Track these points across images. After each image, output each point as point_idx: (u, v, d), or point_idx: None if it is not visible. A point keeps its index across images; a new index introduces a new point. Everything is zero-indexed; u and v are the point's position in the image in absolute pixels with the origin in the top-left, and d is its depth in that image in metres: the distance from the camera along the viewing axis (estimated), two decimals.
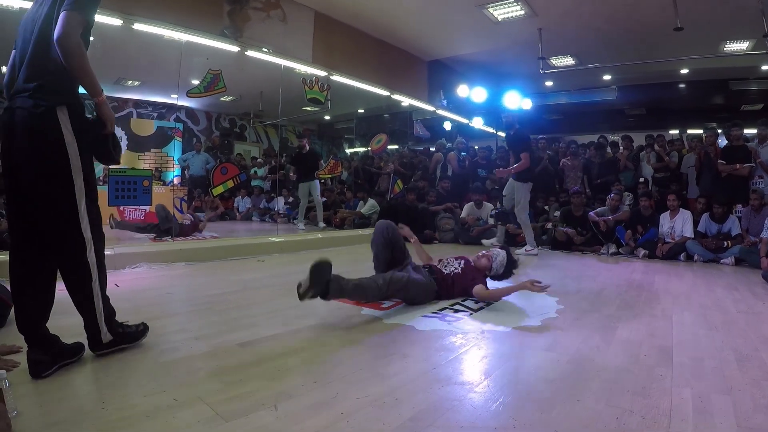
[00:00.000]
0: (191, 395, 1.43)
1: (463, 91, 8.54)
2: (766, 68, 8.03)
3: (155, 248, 4.18)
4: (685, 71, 8.83)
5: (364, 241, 2.94)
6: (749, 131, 5.99)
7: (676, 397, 1.47)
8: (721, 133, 6.32)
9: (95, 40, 1.77)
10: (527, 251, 5.06)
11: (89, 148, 1.68)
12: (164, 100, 9.37)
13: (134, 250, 4.03)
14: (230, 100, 9.31)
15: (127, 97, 8.97)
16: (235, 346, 1.91)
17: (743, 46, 7.18)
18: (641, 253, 5.14)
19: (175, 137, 8.59)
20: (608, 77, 9.31)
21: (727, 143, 5.73)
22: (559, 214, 6.04)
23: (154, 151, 8.22)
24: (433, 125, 9.62)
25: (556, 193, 7.02)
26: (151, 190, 5.11)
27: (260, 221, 8.86)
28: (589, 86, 9.75)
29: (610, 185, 6.25)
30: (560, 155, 7.50)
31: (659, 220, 5.28)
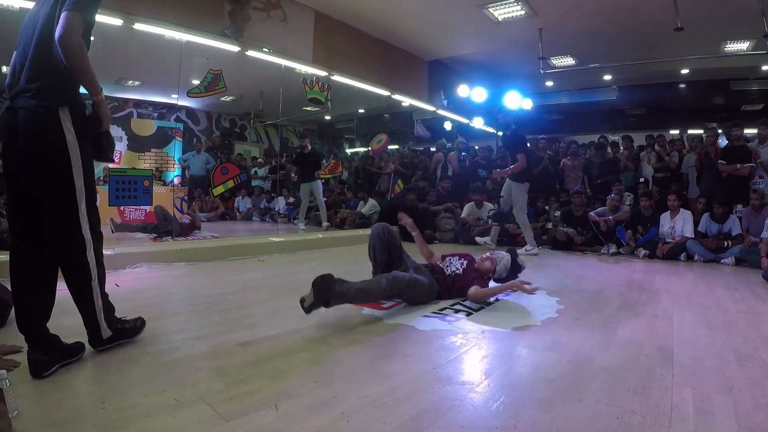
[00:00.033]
0: (192, 395, 1.43)
1: (463, 91, 8.53)
2: (766, 68, 8.01)
3: (155, 248, 4.18)
4: (685, 71, 8.82)
5: (364, 241, 2.93)
6: (749, 131, 5.99)
7: (676, 396, 1.47)
8: (721, 133, 6.32)
9: (96, 40, 1.77)
10: (527, 251, 5.06)
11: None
12: (165, 100, 9.38)
13: (134, 250, 4.03)
14: (231, 100, 9.31)
15: (127, 97, 8.97)
16: (235, 346, 1.91)
17: (743, 46, 7.17)
18: (641, 253, 5.14)
19: (175, 137, 8.60)
20: (609, 77, 9.30)
21: (727, 143, 5.73)
22: (559, 214, 6.04)
23: (154, 151, 8.25)
24: (433, 125, 9.61)
25: (556, 193, 7.03)
26: (151, 190, 5.10)
27: (260, 221, 8.86)
28: (589, 86, 9.73)
29: (610, 185, 6.25)
30: (561, 155, 7.50)
31: (659, 220, 5.29)
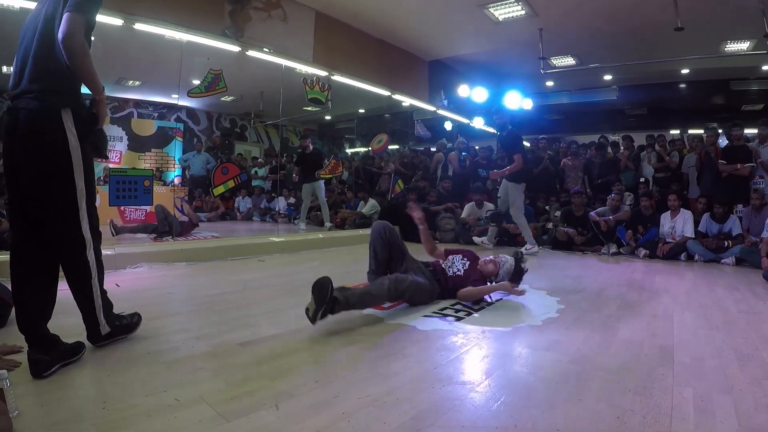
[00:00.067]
0: (192, 395, 1.43)
1: (463, 91, 8.53)
2: (766, 68, 8.01)
3: (156, 248, 4.19)
4: (685, 71, 8.82)
5: (364, 241, 2.93)
6: (750, 131, 5.99)
7: (677, 396, 1.46)
8: (721, 133, 6.31)
9: (96, 40, 1.78)
10: (528, 250, 5.06)
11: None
12: (165, 100, 9.39)
13: (135, 250, 4.03)
14: (231, 100, 9.31)
15: (127, 97, 8.98)
16: (235, 345, 1.91)
17: (744, 46, 7.17)
18: (642, 253, 5.14)
19: (175, 137, 8.60)
20: (609, 77, 9.30)
21: (727, 143, 5.73)
22: (559, 214, 6.04)
23: (154, 151, 8.25)
24: (433, 125, 9.61)
25: (556, 193, 7.03)
26: (152, 190, 5.11)
27: (261, 221, 8.86)
28: (589, 86, 9.72)
29: (610, 185, 6.25)
30: (561, 155, 7.50)
31: (660, 220, 5.28)
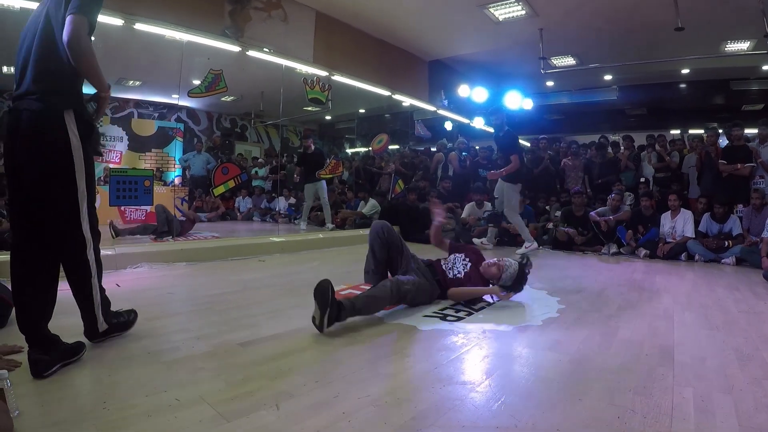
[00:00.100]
0: (192, 395, 1.43)
1: (464, 91, 8.53)
2: (766, 68, 8.01)
3: (156, 248, 4.18)
4: (686, 71, 8.81)
5: (365, 241, 2.93)
6: (750, 131, 5.99)
7: (677, 396, 1.46)
8: (722, 133, 6.31)
9: (96, 40, 1.78)
10: (527, 247, 5.10)
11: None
12: (165, 100, 9.39)
13: (135, 250, 4.04)
14: (231, 100, 9.31)
15: (128, 97, 8.98)
16: (236, 345, 1.91)
17: (744, 46, 7.17)
18: (642, 253, 5.13)
19: (176, 137, 8.62)
20: (609, 77, 9.29)
21: (728, 143, 5.73)
22: (560, 214, 6.04)
23: (155, 151, 8.27)
24: (434, 125, 9.61)
25: (557, 193, 7.03)
26: (152, 190, 5.11)
27: (261, 221, 8.86)
28: (590, 86, 9.72)
29: (611, 185, 6.25)
30: (561, 155, 7.50)
31: (660, 220, 5.28)
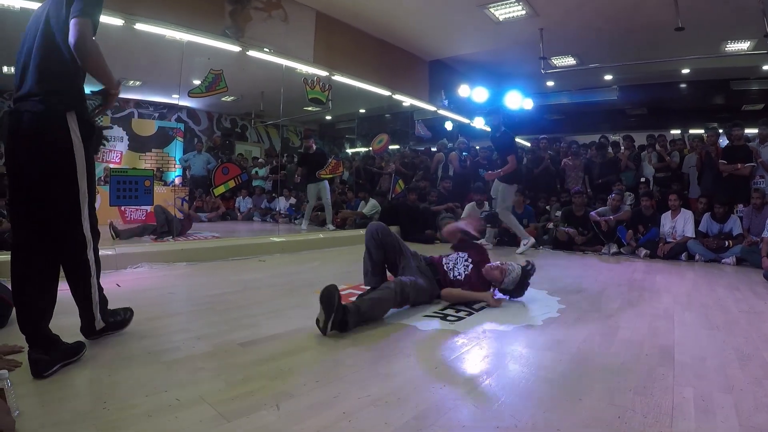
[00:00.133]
0: (193, 395, 1.43)
1: (464, 91, 8.53)
2: (766, 68, 8.00)
3: (156, 248, 4.19)
4: (686, 71, 8.81)
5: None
6: (750, 131, 5.99)
7: (677, 396, 1.46)
8: (722, 132, 6.31)
9: (97, 40, 1.78)
10: (525, 245, 5.12)
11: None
12: (165, 100, 9.40)
13: (136, 250, 4.04)
14: (231, 100, 9.31)
15: (128, 97, 8.98)
16: (236, 345, 1.91)
17: (744, 46, 7.17)
18: (642, 252, 5.13)
19: (176, 137, 8.62)
20: (609, 77, 9.29)
21: (728, 143, 5.73)
22: (560, 213, 6.04)
23: (155, 151, 8.27)
24: (434, 125, 9.61)
25: (557, 193, 7.03)
26: (152, 190, 5.12)
27: (261, 221, 8.86)
28: (590, 86, 9.72)
29: (611, 185, 6.25)
30: (561, 155, 7.51)
31: (660, 219, 5.28)
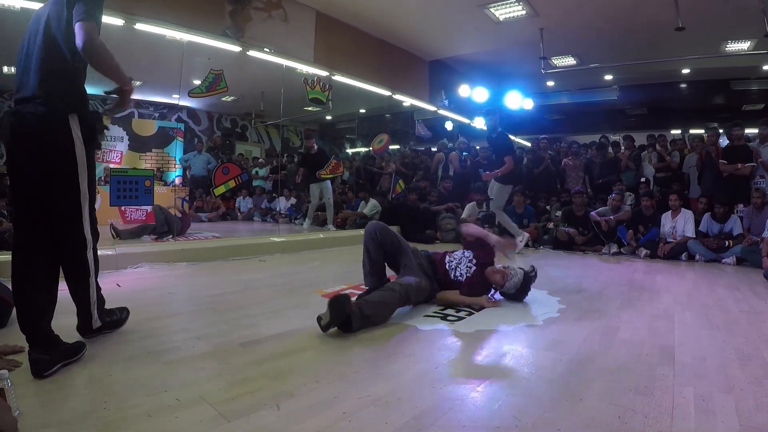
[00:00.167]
0: (193, 395, 1.43)
1: (464, 91, 8.54)
2: (767, 68, 8.01)
3: (157, 248, 4.19)
4: (686, 71, 8.81)
5: None
6: (750, 131, 5.98)
7: (678, 396, 1.46)
8: (722, 132, 6.31)
9: None
10: (520, 241, 5.14)
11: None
12: (166, 100, 9.40)
13: (136, 250, 4.04)
14: (232, 100, 9.32)
15: None
16: (236, 345, 1.91)
17: (744, 46, 7.17)
18: (643, 252, 5.13)
19: (176, 137, 8.62)
20: (609, 77, 9.29)
21: (728, 143, 5.73)
22: (560, 213, 6.04)
23: (155, 151, 8.28)
24: (434, 125, 9.62)
25: (557, 193, 7.03)
26: (152, 190, 5.12)
27: (262, 221, 8.87)
28: (590, 86, 9.72)
29: (611, 185, 6.25)
30: (562, 155, 7.51)
31: (661, 219, 5.28)
